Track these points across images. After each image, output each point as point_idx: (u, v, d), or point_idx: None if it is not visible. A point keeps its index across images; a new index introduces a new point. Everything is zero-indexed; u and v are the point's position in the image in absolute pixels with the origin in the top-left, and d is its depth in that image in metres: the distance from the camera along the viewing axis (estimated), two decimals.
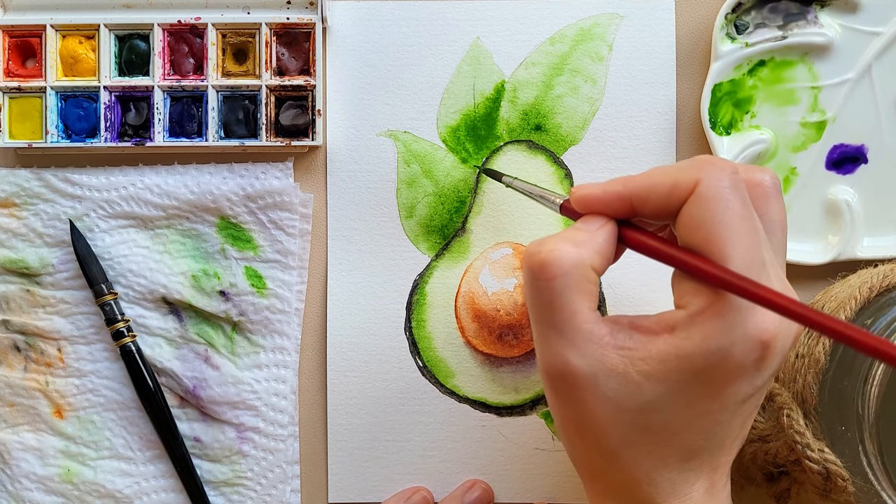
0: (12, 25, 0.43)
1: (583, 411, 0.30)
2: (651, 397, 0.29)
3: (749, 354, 0.29)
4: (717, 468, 0.32)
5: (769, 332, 0.29)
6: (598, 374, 0.30)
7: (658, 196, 0.30)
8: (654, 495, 0.31)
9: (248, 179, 0.43)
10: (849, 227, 0.42)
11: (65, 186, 0.44)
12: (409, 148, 0.44)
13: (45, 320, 0.44)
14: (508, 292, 0.43)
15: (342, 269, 0.44)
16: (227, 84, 0.43)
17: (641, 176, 0.31)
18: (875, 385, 0.34)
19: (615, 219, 0.32)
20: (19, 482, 0.44)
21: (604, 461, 0.31)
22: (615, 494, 0.32)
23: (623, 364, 0.30)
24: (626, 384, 0.30)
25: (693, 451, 0.31)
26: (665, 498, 0.31)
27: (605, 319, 0.31)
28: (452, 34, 0.44)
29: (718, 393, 0.29)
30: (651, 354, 0.29)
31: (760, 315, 0.29)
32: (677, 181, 0.30)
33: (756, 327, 0.29)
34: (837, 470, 0.34)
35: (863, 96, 0.42)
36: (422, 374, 0.44)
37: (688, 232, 0.29)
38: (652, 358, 0.29)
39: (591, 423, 0.30)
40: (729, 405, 0.30)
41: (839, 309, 0.36)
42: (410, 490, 0.43)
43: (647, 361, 0.29)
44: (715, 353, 0.29)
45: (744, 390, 0.30)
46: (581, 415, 0.31)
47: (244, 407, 0.43)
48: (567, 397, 0.31)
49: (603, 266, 0.31)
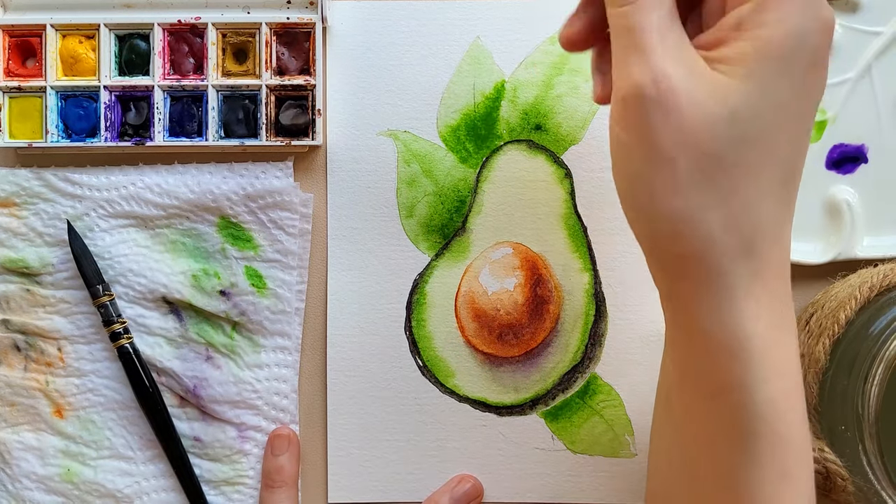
0: (12, 25, 0.43)
1: (675, 129, 0.29)
2: (744, 98, 0.29)
3: (823, 37, 0.29)
4: (792, 216, 0.31)
5: (831, 17, 0.29)
6: (690, 79, 0.29)
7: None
8: (753, 237, 0.30)
9: (249, 179, 0.43)
10: (849, 227, 0.42)
11: (65, 186, 0.44)
12: (410, 147, 0.44)
13: (45, 320, 0.44)
14: (508, 292, 0.43)
15: (342, 268, 0.44)
16: (227, 84, 0.43)
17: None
18: (875, 384, 0.34)
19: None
20: (20, 482, 0.44)
21: (698, 198, 0.30)
22: (708, 248, 0.30)
23: (707, 68, 0.29)
24: (715, 82, 0.29)
25: (787, 173, 0.30)
26: (762, 241, 0.30)
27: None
28: (452, 34, 0.44)
29: (804, 83, 0.29)
30: (731, 55, 0.29)
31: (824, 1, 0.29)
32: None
33: (823, 7, 0.29)
34: (837, 469, 0.34)
35: (863, 96, 0.42)
36: (422, 373, 0.44)
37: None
38: (730, 57, 0.29)
39: (686, 142, 0.29)
40: (813, 103, 0.30)
41: (839, 308, 0.36)
42: (456, 479, 0.43)
43: (726, 60, 0.29)
44: (793, 36, 0.29)
45: (820, 85, 0.30)
46: (673, 136, 0.29)
47: (245, 406, 0.43)
48: (661, 117, 0.29)
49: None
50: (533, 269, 0.43)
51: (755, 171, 0.29)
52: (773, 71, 0.29)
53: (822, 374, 0.36)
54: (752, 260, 0.30)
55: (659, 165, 0.30)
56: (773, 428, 0.30)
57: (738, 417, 0.30)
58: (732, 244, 0.30)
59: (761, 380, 0.30)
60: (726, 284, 0.30)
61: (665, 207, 0.30)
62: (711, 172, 0.29)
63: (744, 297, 0.30)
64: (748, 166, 0.29)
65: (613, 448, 0.43)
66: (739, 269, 0.30)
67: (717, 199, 0.30)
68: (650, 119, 0.29)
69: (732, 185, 0.29)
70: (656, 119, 0.29)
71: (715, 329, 0.31)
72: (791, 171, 0.30)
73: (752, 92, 0.29)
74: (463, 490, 0.43)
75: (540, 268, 0.43)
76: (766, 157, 0.29)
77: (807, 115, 0.30)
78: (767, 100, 0.29)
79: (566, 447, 0.43)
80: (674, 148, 0.29)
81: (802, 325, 0.39)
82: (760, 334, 0.30)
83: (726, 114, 0.29)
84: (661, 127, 0.29)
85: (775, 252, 0.30)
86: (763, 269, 0.30)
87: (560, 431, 0.43)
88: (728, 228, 0.30)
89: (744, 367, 0.30)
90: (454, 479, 0.43)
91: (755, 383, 0.30)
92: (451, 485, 0.43)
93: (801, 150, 0.30)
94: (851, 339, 0.36)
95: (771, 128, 0.29)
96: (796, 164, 0.30)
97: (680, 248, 0.31)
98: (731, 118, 0.29)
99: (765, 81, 0.29)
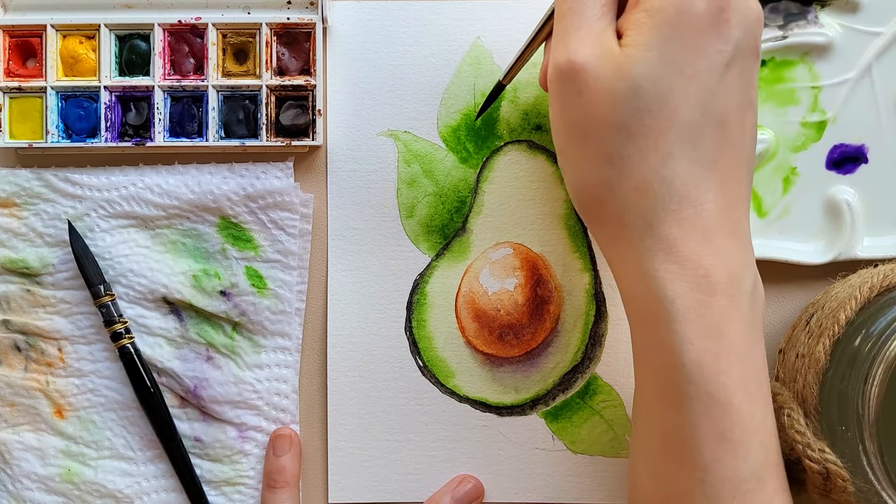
0: (13, 25, 0.43)
1: (586, 103, 0.32)
2: (642, 67, 0.31)
3: (709, 7, 0.31)
4: (728, 180, 0.32)
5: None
6: (600, 59, 0.32)
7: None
8: (667, 199, 0.32)
9: (249, 179, 0.43)
10: (849, 227, 0.42)
11: (65, 186, 0.44)
12: (410, 148, 0.44)
13: (45, 320, 0.44)
14: (509, 292, 0.43)
15: (343, 268, 0.44)
16: (227, 84, 0.43)
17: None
18: (875, 385, 0.34)
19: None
20: (20, 482, 0.44)
21: (611, 169, 0.32)
22: (627, 216, 0.32)
23: (617, 48, 0.32)
24: (618, 58, 0.31)
25: (696, 135, 0.32)
26: (678, 203, 0.32)
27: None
28: (452, 34, 0.44)
29: (697, 47, 0.31)
30: (627, 25, 0.32)
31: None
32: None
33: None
34: (837, 470, 0.34)
35: (863, 96, 0.42)
36: (422, 373, 0.44)
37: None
38: (629, 29, 0.32)
39: (596, 116, 0.32)
40: (712, 66, 0.31)
41: (840, 309, 0.36)
42: (457, 479, 0.43)
43: (627, 33, 0.32)
44: (680, 1, 0.31)
45: (717, 49, 0.31)
46: (585, 110, 0.32)
47: (245, 406, 0.43)
48: (574, 93, 0.32)
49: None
50: (533, 269, 0.43)
51: (659, 135, 0.31)
52: (666, 37, 0.31)
53: (823, 374, 0.36)
54: (668, 224, 0.32)
55: (574, 139, 0.33)
56: (704, 390, 0.31)
57: (670, 378, 0.32)
58: (647, 209, 0.32)
59: (686, 341, 0.31)
60: (645, 248, 0.32)
61: (583, 178, 0.33)
62: (621, 144, 0.32)
63: (663, 260, 0.32)
64: (652, 133, 0.31)
65: (614, 448, 0.43)
66: (656, 233, 0.32)
67: (627, 167, 0.32)
68: (565, 97, 0.33)
69: (640, 153, 0.32)
70: (570, 97, 0.32)
71: (640, 292, 0.32)
72: (699, 131, 0.32)
73: (650, 61, 0.31)
74: (464, 490, 0.43)
75: (540, 268, 0.43)
76: (668, 121, 0.31)
77: (703, 75, 0.31)
78: (664, 67, 0.31)
79: (566, 447, 0.43)
80: (585, 123, 0.32)
81: (803, 325, 0.39)
82: (683, 296, 0.31)
83: (628, 87, 0.31)
84: (575, 104, 0.32)
85: (695, 213, 0.32)
86: (682, 231, 0.32)
87: (560, 431, 0.43)
88: (642, 194, 0.32)
89: (667, 328, 0.31)
90: (455, 480, 0.43)
91: (680, 344, 0.31)
92: (453, 485, 0.43)
93: (709, 110, 0.32)
94: (851, 339, 0.36)
95: (671, 92, 0.31)
96: (703, 124, 0.32)
97: (601, 216, 0.34)
98: (632, 91, 0.31)
99: (660, 48, 0.31)
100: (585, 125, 0.32)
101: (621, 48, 0.32)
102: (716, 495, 0.31)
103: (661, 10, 0.31)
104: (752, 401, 0.32)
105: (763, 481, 0.32)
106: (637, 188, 0.32)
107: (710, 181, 0.32)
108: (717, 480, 0.31)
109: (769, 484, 0.32)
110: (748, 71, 0.33)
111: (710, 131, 0.32)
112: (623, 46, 0.32)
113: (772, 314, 0.43)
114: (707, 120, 0.32)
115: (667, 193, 0.32)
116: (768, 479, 0.32)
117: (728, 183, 0.32)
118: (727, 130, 0.32)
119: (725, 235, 0.32)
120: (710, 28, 0.31)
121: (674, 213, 0.32)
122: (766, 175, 0.42)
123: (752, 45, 0.33)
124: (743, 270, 0.32)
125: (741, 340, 0.32)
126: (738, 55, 0.32)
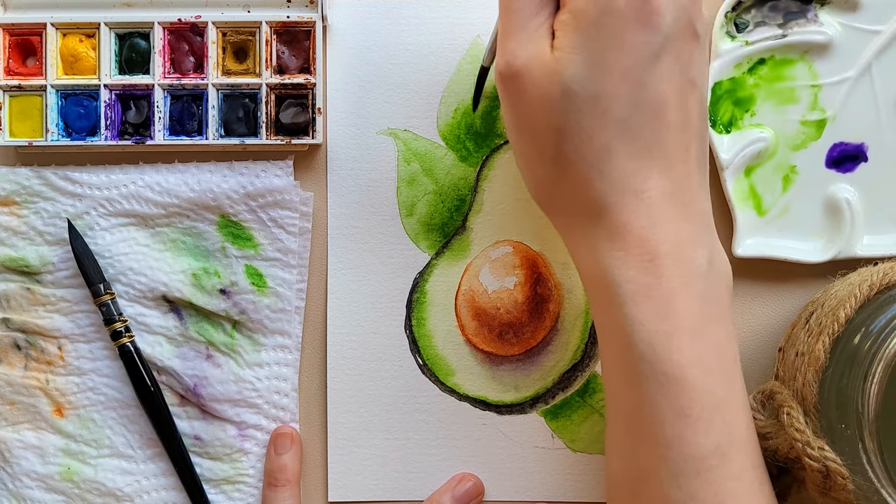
0: (13, 24, 0.43)
1: (526, 106, 0.33)
2: (571, 70, 0.32)
3: (631, 1, 0.31)
4: (672, 163, 0.33)
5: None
6: (533, 62, 0.33)
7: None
8: (608, 191, 0.33)
9: (249, 178, 0.43)
10: (849, 226, 0.42)
11: (65, 185, 0.44)
12: (410, 146, 0.44)
13: (45, 318, 0.44)
14: (509, 290, 0.43)
15: (342, 267, 0.44)
16: (227, 82, 0.43)
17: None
18: (875, 383, 0.34)
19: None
20: (20, 480, 0.44)
21: (554, 168, 0.33)
22: (574, 209, 0.34)
23: (548, 51, 0.33)
24: (549, 62, 0.32)
25: (631, 128, 0.32)
26: (620, 193, 0.33)
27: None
28: (452, 33, 0.44)
29: (623, 44, 0.31)
30: (557, 25, 0.33)
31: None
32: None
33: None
34: (837, 468, 0.34)
35: (863, 95, 0.42)
36: (422, 372, 0.44)
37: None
38: (558, 30, 0.32)
39: (535, 118, 0.33)
40: (640, 60, 0.32)
41: (839, 307, 0.36)
42: (457, 478, 0.43)
43: (557, 35, 0.32)
44: (601, 1, 0.31)
45: (645, 41, 0.32)
46: (525, 112, 0.33)
47: (245, 405, 0.43)
48: (515, 95, 0.33)
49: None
50: (533, 267, 0.43)
51: (593, 134, 0.32)
52: (590, 37, 0.32)
53: (822, 372, 0.36)
54: (612, 214, 0.33)
55: (521, 138, 0.34)
56: (658, 369, 0.32)
57: (627, 358, 0.33)
58: (591, 202, 0.33)
59: (637, 322, 0.32)
60: (593, 236, 0.33)
61: (532, 174, 0.35)
62: (558, 144, 0.33)
63: (609, 249, 0.33)
64: (586, 132, 0.32)
65: None
66: (602, 223, 0.33)
67: (567, 166, 0.33)
68: (508, 98, 0.34)
69: (576, 151, 0.33)
70: (513, 99, 0.34)
71: (594, 276, 0.34)
72: (633, 124, 0.32)
73: (577, 63, 0.32)
74: (464, 489, 0.43)
75: (540, 266, 0.44)
76: (601, 119, 0.32)
77: (633, 70, 0.32)
78: (591, 68, 0.32)
79: (566, 445, 0.43)
80: (528, 123, 0.33)
81: (802, 323, 0.39)
82: (631, 279, 0.32)
83: (560, 91, 0.32)
84: (517, 106, 0.34)
85: (638, 201, 0.33)
86: (626, 219, 0.33)
87: (560, 430, 0.43)
88: (584, 189, 0.33)
89: (619, 310, 0.32)
90: (455, 478, 0.43)
91: (632, 325, 0.32)
92: (453, 484, 0.43)
93: (642, 103, 0.32)
94: (851, 337, 0.36)
95: (600, 92, 0.32)
96: (637, 117, 0.32)
97: (552, 208, 0.35)
98: (564, 94, 0.32)
99: (586, 50, 0.32)
100: (529, 125, 0.33)
101: (552, 51, 0.32)
102: (680, 471, 0.32)
103: (583, 11, 0.32)
104: (711, 378, 0.32)
105: (727, 458, 0.32)
106: (579, 184, 0.33)
107: (651, 168, 0.33)
108: (680, 457, 0.32)
109: (735, 460, 0.33)
110: (685, 52, 0.33)
111: (647, 122, 0.32)
112: (553, 49, 0.32)
113: (772, 313, 0.43)
114: (641, 112, 0.32)
115: (607, 187, 0.33)
116: (734, 455, 0.33)
117: (673, 166, 0.33)
118: (665, 117, 0.33)
119: (673, 218, 0.33)
120: (635, 22, 0.32)
121: (616, 203, 0.33)
122: (765, 174, 0.42)
123: (686, 26, 0.33)
124: (694, 251, 0.33)
125: (695, 320, 0.32)
126: (669, 42, 0.32)
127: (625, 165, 0.32)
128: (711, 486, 0.32)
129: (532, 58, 0.33)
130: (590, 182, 0.33)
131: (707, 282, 0.33)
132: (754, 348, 0.43)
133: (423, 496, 0.43)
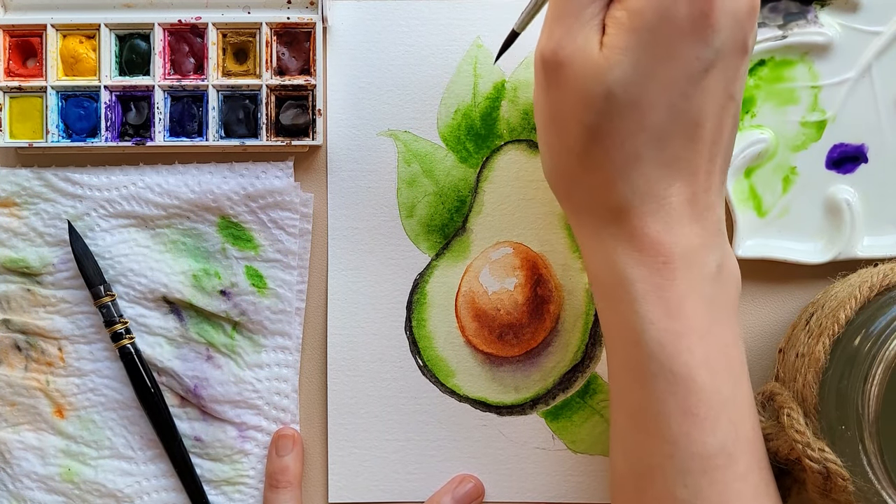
0: (13, 25, 0.43)
1: (562, 97, 0.32)
2: (617, 72, 0.31)
3: (691, 12, 0.31)
4: (697, 173, 0.33)
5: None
6: (580, 56, 0.32)
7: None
8: (630, 195, 0.33)
9: (249, 179, 0.43)
10: (849, 227, 0.42)
11: (65, 186, 0.44)
12: (410, 147, 0.44)
13: (45, 320, 0.44)
14: (509, 291, 0.43)
15: (343, 268, 0.44)
16: (227, 84, 0.43)
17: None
18: (875, 384, 0.34)
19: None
20: (20, 481, 0.44)
21: (579, 165, 0.33)
22: (592, 206, 0.34)
23: (597, 47, 0.32)
24: (596, 59, 0.32)
25: (664, 138, 0.32)
26: (641, 199, 0.33)
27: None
28: (452, 34, 0.44)
29: (674, 55, 0.31)
30: (609, 21, 0.32)
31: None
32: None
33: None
34: (837, 469, 0.34)
35: (863, 96, 0.42)
36: (422, 373, 0.44)
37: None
38: (610, 26, 0.32)
39: (570, 112, 0.32)
40: (688, 73, 0.31)
41: (839, 308, 0.36)
42: (458, 479, 0.43)
43: (608, 31, 0.32)
44: (657, 8, 0.31)
45: (697, 55, 0.31)
46: (560, 103, 0.33)
47: (246, 406, 0.43)
48: (554, 84, 0.33)
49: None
50: (533, 268, 0.44)
51: (626, 137, 0.32)
52: (643, 42, 0.31)
53: (822, 373, 0.36)
54: (630, 216, 0.33)
55: (551, 126, 0.34)
56: (667, 367, 0.32)
57: (635, 356, 0.33)
58: (611, 203, 0.33)
59: (647, 321, 0.32)
60: (608, 234, 0.33)
61: (555, 164, 0.35)
62: (588, 142, 0.32)
63: (624, 249, 0.33)
64: (619, 135, 0.32)
65: None
66: (618, 223, 0.33)
67: (593, 165, 0.33)
68: (546, 85, 0.33)
69: (605, 153, 0.32)
70: (552, 87, 0.33)
71: (605, 273, 0.34)
72: (668, 134, 0.32)
73: (624, 66, 0.31)
74: (465, 490, 0.43)
75: (540, 267, 0.44)
76: (637, 124, 0.32)
77: (680, 82, 0.31)
78: (638, 73, 0.31)
79: (567, 447, 0.43)
80: (561, 114, 0.33)
81: (802, 324, 0.39)
82: (644, 279, 0.33)
83: (602, 91, 0.31)
84: (554, 94, 0.33)
85: (658, 206, 0.33)
86: (644, 223, 0.33)
87: (561, 431, 0.43)
88: (606, 190, 0.33)
89: (629, 307, 0.33)
90: (455, 480, 0.43)
91: (642, 324, 0.32)
92: (453, 485, 0.43)
93: (682, 115, 0.32)
94: (851, 338, 0.36)
95: (642, 99, 0.31)
96: (673, 127, 0.32)
97: (568, 200, 0.35)
98: (605, 95, 0.31)
99: (636, 54, 0.31)
100: (561, 116, 0.33)
101: (601, 48, 0.32)
102: (686, 469, 0.32)
103: (640, 13, 0.31)
104: (718, 378, 0.32)
105: (733, 458, 0.33)
106: (601, 184, 0.33)
107: (676, 177, 0.33)
108: (687, 455, 0.32)
109: (741, 460, 0.33)
110: (732, 68, 0.32)
111: (681, 133, 0.32)
112: (602, 47, 0.32)
113: (772, 314, 0.43)
114: (677, 123, 0.32)
115: (630, 191, 0.33)
116: (739, 455, 0.33)
117: (698, 176, 0.33)
118: (700, 130, 0.32)
119: (688, 222, 0.33)
120: (691, 34, 0.31)
121: (637, 207, 0.33)
122: (765, 174, 0.42)
123: (739, 43, 0.32)
124: (706, 255, 0.33)
125: (704, 321, 0.33)
126: (719, 58, 0.32)
127: (651, 172, 0.32)
128: (717, 486, 0.32)
129: (579, 50, 0.32)
130: (613, 184, 0.33)
131: (717, 285, 0.33)
132: (754, 349, 0.43)
133: (424, 497, 0.43)
